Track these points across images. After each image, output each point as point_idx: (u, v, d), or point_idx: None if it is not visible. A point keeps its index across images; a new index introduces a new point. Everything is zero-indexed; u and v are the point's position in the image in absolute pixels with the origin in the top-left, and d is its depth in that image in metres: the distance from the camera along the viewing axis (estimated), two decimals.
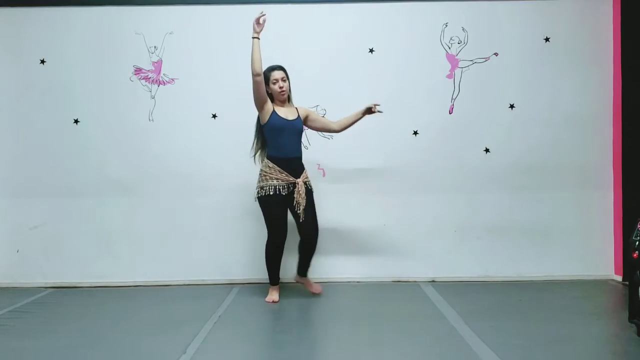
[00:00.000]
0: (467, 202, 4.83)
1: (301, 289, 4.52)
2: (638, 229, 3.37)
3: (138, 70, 4.85)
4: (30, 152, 4.86)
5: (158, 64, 4.85)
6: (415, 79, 4.81)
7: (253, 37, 3.96)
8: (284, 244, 4.21)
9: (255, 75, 3.96)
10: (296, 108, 4.26)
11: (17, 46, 4.84)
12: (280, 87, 4.14)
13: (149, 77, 4.85)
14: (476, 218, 4.83)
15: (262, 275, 4.80)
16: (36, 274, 4.85)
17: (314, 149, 4.83)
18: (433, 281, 4.77)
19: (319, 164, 4.84)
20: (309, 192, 4.20)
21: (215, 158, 4.84)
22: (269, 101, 4.15)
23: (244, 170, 4.81)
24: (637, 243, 3.33)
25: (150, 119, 4.85)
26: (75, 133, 4.85)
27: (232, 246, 4.84)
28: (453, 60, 4.83)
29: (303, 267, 4.33)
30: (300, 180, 4.13)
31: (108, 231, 4.84)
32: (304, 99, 4.75)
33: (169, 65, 4.84)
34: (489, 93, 4.82)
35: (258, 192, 4.15)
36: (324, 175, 4.84)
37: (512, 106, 4.82)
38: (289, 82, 4.21)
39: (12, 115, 4.86)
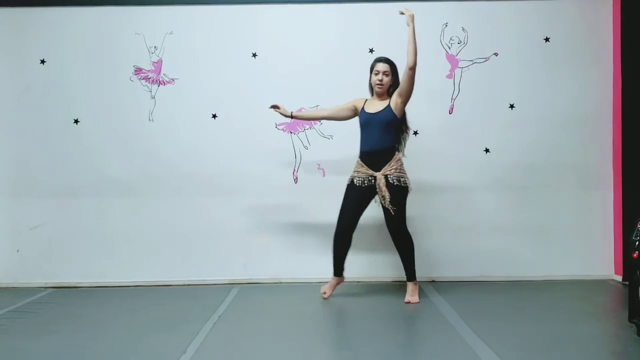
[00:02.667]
0: (467, 202, 4.82)
1: (306, 288, 4.51)
2: (638, 229, 3.37)
3: (138, 70, 4.85)
4: (30, 152, 4.85)
5: (158, 64, 4.85)
6: (415, 79, 4.80)
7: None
8: (346, 235, 4.18)
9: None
10: (390, 97, 4.18)
11: (17, 46, 4.84)
12: (380, 80, 4.13)
13: (149, 77, 4.85)
14: (476, 218, 4.83)
15: (262, 275, 4.82)
16: (36, 274, 4.84)
17: (314, 149, 4.83)
18: (433, 281, 4.77)
19: (319, 164, 4.84)
20: (394, 186, 4.06)
21: (215, 158, 4.84)
22: (358, 101, 4.26)
23: (244, 170, 4.82)
24: (637, 243, 3.33)
25: (151, 119, 4.86)
26: (75, 133, 4.85)
27: (232, 246, 4.84)
28: (453, 60, 4.83)
29: (405, 269, 4.23)
30: (379, 174, 4.08)
31: (108, 231, 4.84)
32: (304, 99, 4.76)
33: (169, 65, 4.84)
34: (489, 93, 4.82)
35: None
36: (323, 175, 4.84)
37: (512, 106, 4.82)
38: (392, 78, 4.16)
39: (12, 115, 4.86)
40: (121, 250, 4.84)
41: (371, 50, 4.81)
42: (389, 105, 4.12)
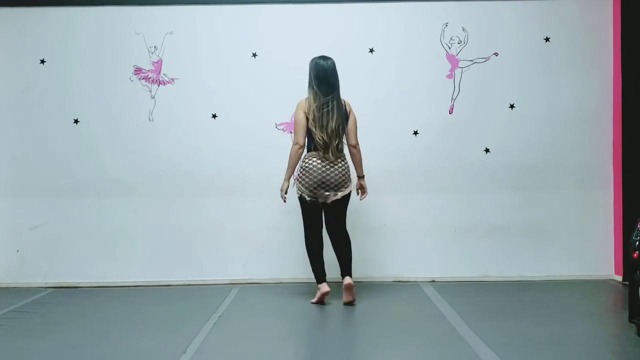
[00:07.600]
0: (467, 202, 4.82)
1: (306, 288, 4.51)
2: (638, 229, 3.37)
3: (138, 70, 4.85)
4: (30, 152, 4.85)
5: (158, 64, 4.85)
6: (415, 79, 4.81)
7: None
8: None
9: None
10: None
11: (18, 46, 4.84)
12: None
13: (149, 77, 4.85)
14: (476, 218, 4.83)
15: (263, 275, 4.82)
16: (36, 274, 4.84)
17: None
18: (433, 281, 4.77)
19: None
20: None
21: (215, 158, 4.84)
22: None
23: (244, 170, 4.82)
24: (637, 243, 3.33)
25: (150, 119, 4.86)
26: (75, 133, 4.85)
27: (232, 246, 4.84)
28: (453, 60, 4.83)
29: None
30: None
31: (108, 231, 4.84)
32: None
33: (169, 65, 4.84)
34: (489, 93, 4.82)
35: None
36: None
37: (512, 106, 4.82)
38: None
39: (12, 115, 4.86)
40: (121, 250, 4.84)
41: (371, 50, 4.81)
42: None
